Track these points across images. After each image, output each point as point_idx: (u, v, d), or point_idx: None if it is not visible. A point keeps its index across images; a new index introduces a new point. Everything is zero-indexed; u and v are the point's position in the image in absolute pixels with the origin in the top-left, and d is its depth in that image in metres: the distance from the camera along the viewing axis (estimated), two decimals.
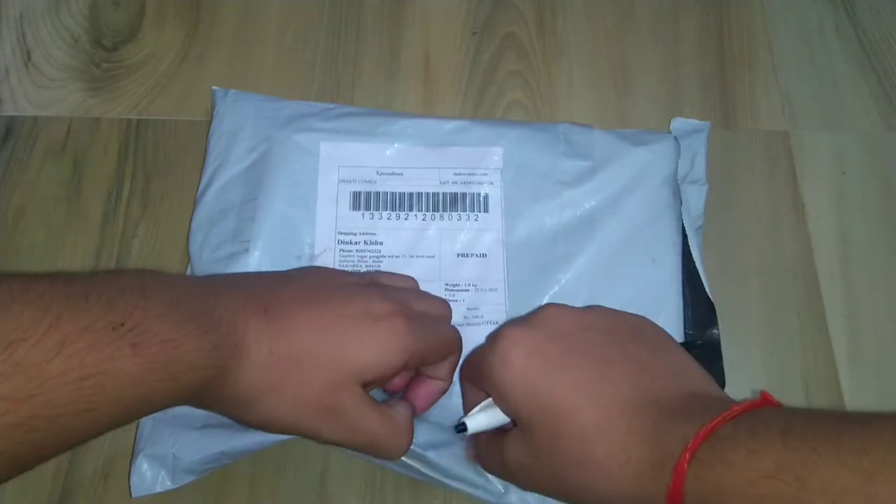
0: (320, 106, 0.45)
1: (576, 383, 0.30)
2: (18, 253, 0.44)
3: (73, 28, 0.50)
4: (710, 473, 0.25)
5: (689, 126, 0.45)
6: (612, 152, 0.44)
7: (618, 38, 0.52)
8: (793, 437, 0.24)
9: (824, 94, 0.50)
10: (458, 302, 0.41)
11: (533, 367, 0.31)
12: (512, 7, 0.52)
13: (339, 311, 0.31)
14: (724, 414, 0.27)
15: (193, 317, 0.27)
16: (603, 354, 0.31)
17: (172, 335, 0.26)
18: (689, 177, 0.44)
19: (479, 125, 0.44)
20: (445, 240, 0.42)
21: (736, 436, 0.26)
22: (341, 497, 0.39)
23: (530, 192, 0.43)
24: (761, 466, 0.24)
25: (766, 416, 0.26)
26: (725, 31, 0.52)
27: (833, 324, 0.44)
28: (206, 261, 0.41)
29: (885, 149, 0.49)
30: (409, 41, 0.51)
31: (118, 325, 0.25)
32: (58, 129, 0.47)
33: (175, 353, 0.26)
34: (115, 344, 0.24)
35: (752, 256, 0.45)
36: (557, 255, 0.42)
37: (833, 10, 0.53)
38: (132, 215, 0.45)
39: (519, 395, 0.31)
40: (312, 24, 0.51)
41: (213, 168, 0.43)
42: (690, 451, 0.26)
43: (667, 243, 0.42)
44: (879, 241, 0.46)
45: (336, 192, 0.42)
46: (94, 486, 0.38)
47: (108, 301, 0.25)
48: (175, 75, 0.49)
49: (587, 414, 0.29)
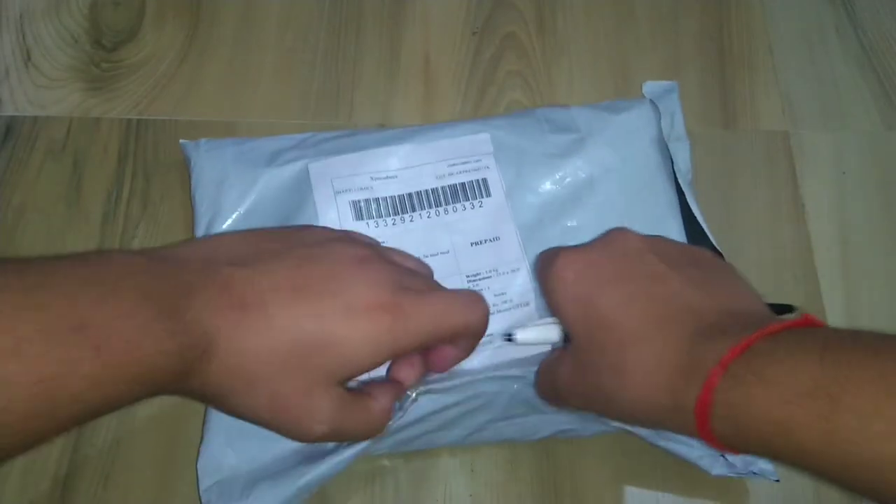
0: (298, 137, 0.44)
1: (624, 298, 0.31)
2: (18, 253, 0.44)
3: (73, 28, 0.50)
4: (742, 388, 0.25)
5: (660, 88, 0.46)
6: (594, 123, 0.45)
7: (618, 38, 0.52)
8: (830, 356, 0.24)
9: (824, 94, 0.50)
10: (483, 290, 0.41)
11: (585, 281, 0.32)
12: (512, 7, 0.52)
13: (320, 306, 0.29)
14: (762, 329, 0.26)
15: (162, 316, 0.26)
16: (655, 272, 0.32)
17: (137, 336, 0.25)
18: (672, 135, 0.45)
19: (462, 123, 0.45)
20: (456, 232, 0.42)
21: (773, 352, 0.25)
22: (341, 497, 0.39)
23: (526, 169, 0.43)
24: (797, 384, 0.24)
25: (806, 336, 0.26)
26: (725, 31, 0.52)
27: (833, 324, 0.44)
28: None
29: (885, 149, 0.49)
30: (409, 41, 0.51)
31: (80, 326, 0.24)
32: (58, 129, 0.47)
33: (139, 356, 0.25)
34: (76, 347, 0.23)
35: (752, 257, 0.45)
36: (567, 227, 0.42)
37: (833, 10, 0.53)
38: (132, 215, 0.45)
39: (570, 307, 0.32)
40: (312, 24, 0.51)
41: (206, 219, 0.41)
42: (723, 364, 0.26)
43: (667, 200, 0.43)
44: (879, 241, 0.46)
45: (335, 205, 0.41)
46: (93, 490, 0.38)
47: (71, 297, 0.24)
48: (175, 75, 0.49)
49: (628, 324, 0.30)
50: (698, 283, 0.31)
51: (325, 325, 0.29)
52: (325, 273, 0.30)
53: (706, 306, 0.30)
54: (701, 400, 0.26)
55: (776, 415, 0.24)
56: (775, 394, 0.24)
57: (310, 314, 0.29)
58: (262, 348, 0.28)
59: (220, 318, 0.28)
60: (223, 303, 0.28)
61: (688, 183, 0.44)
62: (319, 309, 0.29)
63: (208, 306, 0.27)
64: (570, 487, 0.39)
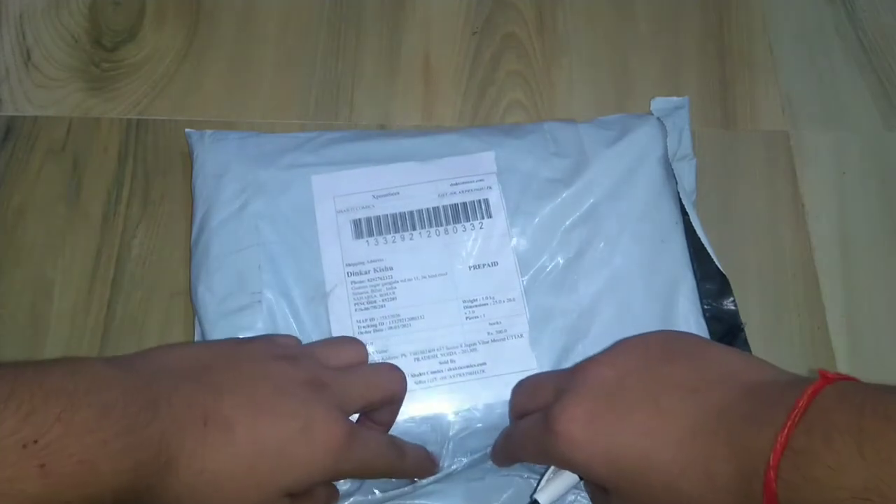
0: (304, 136, 0.44)
1: (640, 430, 0.30)
2: (18, 253, 0.44)
3: (73, 28, 0.50)
4: (799, 493, 0.25)
5: (669, 104, 0.46)
6: (600, 144, 0.44)
7: (618, 38, 0.52)
8: (870, 449, 0.23)
9: (824, 94, 0.50)
10: (479, 318, 0.40)
11: (597, 435, 0.31)
12: (512, 7, 0.52)
13: (281, 426, 0.30)
14: (792, 416, 0.25)
15: (122, 433, 0.25)
16: (651, 391, 0.31)
17: (91, 455, 0.24)
18: (679, 153, 0.45)
19: (466, 136, 0.44)
20: (455, 254, 0.42)
21: (812, 448, 0.25)
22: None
23: (529, 193, 0.43)
24: (847, 486, 0.24)
25: (836, 419, 0.25)
26: (725, 31, 0.52)
27: (833, 324, 0.44)
28: (214, 316, 0.40)
29: (885, 149, 0.49)
30: (409, 41, 0.51)
31: (30, 442, 0.23)
32: (58, 129, 0.47)
33: (91, 474, 0.25)
34: (20, 464, 0.23)
35: (752, 256, 0.45)
36: (569, 256, 0.42)
37: (833, 9, 0.53)
38: (132, 215, 0.45)
39: (595, 465, 0.31)
40: (312, 24, 0.51)
41: (202, 213, 0.42)
42: (774, 470, 0.25)
43: (671, 222, 0.43)
44: (879, 241, 0.46)
45: (336, 224, 0.42)
46: None
47: (28, 411, 0.23)
48: (175, 75, 0.49)
49: (663, 456, 0.29)
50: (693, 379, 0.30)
51: (286, 447, 0.30)
52: (280, 393, 0.31)
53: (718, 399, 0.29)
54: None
55: None
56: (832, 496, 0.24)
57: (271, 435, 0.30)
58: (224, 466, 0.29)
59: (184, 434, 0.28)
60: (187, 419, 0.28)
61: (692, 203, 0.43)
62: (281, 429, 0.30)
63: (174, 421, 0.28)
64: None
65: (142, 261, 0.44)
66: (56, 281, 0.43)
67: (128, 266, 0.44)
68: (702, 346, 0.33)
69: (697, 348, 0.33)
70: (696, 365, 0.31)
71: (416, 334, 0.40)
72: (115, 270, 0.43)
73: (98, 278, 0.43)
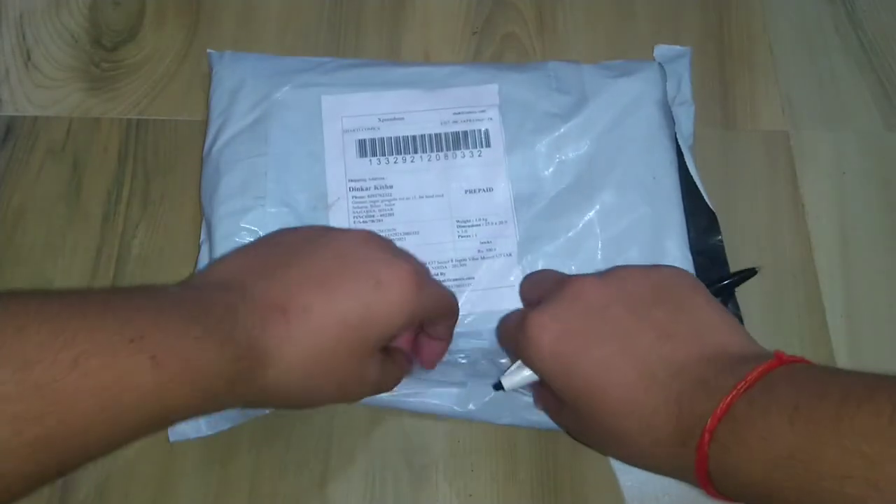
0: (316, 60, 0.47)
1: (602, 363, 0.31)
2: (18, 253, 0.44)
3: (73, 28, 0.50)
4: (730, 455, 0.27)
5: (671, 52, 0.48)
6: (601, 84, 0.46)
7: (618, 38, 0.52)
8: (800, 421, 0.25)
9: (824, 94, 0.50)
10: (470, 237, 0.43)
11: (562, 352, 0.32)
12: (512, 7, 0.52)
13: (351, 288, 0.31)
14: (738, 387, 0.27)
15: (212, 334, 0.27)
16: (626, 327, 0.32)
17: (191, 350, 0.26)
18: (678, 99, 0.46)
19: (473, 69, 0.46)
20: (452, 178, 0.44)
21: (750, 417, 0.27)
22: (341, 497, 0.39)
23: (528, 126, 0.45)
24: (774, 451, 0.25)
25: (778, 394, 0.27)
26: (726, 30, 0.52)
27: (833, 324, 0.44)
28: (220, 216, 0.41)
29: (885, 149, 0.49)
30: (409, 41, 0.51)
31: (136, 338, 0.25)
32: (58, 129, 0.47)
33: (194, 367, 0.26)
34: (133, 358, 0.24)
35: (752, 256, 0.45)
36: (560, 188, 0.43)
37: (833, 9, 0.53)
38: (132, 215, 0.45)
39: (554, 378, 0.33)
40: (312, 24, 0.51)
41: (216, 126, 0.44)
42: (709, 432, 0.27)
43: (665, 161, 0.44)
44: (879, 241, 0.46)
45: (342, 142, 0.44)
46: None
47: (125, 319, 0.25)
48: (175, 75, 0.49)
49: (615, 393, 0.31)
50: (669, 327, 0.32)
51: (360, 305, 0.31)
52: (338, 259, 0.33)
53: (682, 355, 0.30)
54: (698, 465, 0.28)
55: (760, 478, 0.26)
56: (757, 458, 0.26)
57: (344, 299, 0.31)
58: (313, 347, 0.30)
59: (267, 330, 0.29)
60: (269, 314, 0.30)
61: (688, 146, 0.45)
62: (352, 292, 0.31)
63: (254, 320, 0.29)
64: (570, 487, 0.39)
65: (142, 261, 0.44)
66: (56, 281, 0.43)
67: (128, 266, 0.44)
68: (692, 297, 0.34)
69: (688, 299, 0.33)
70: (679, 316, 0.32)
71: (410, 248, 0.40)
72: (115, 270, 0.43)
73: (98, 278, 0.43)
